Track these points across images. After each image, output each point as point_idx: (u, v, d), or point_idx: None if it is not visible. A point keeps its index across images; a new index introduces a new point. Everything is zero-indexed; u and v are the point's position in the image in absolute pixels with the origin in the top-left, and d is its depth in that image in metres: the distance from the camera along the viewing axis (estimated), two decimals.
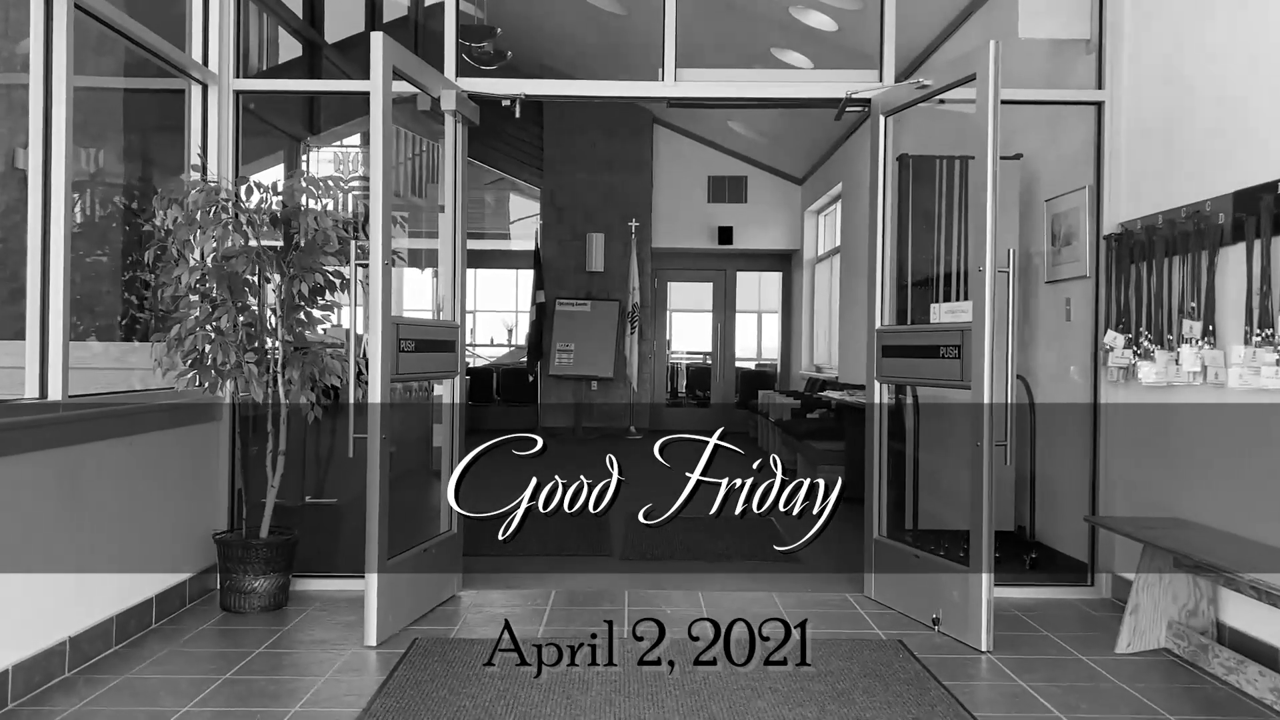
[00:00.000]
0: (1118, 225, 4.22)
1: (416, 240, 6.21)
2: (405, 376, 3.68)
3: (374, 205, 3.42)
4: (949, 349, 3.69)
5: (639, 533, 5.48)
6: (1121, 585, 4.21)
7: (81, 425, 3.25)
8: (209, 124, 4.23)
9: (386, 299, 3.44)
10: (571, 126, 11.88)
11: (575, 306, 11.77)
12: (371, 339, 3.43)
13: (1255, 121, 3.36)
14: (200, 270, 3.70)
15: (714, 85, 4.36)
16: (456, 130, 4.14)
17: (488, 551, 5.02)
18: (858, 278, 9.31)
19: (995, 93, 3.49)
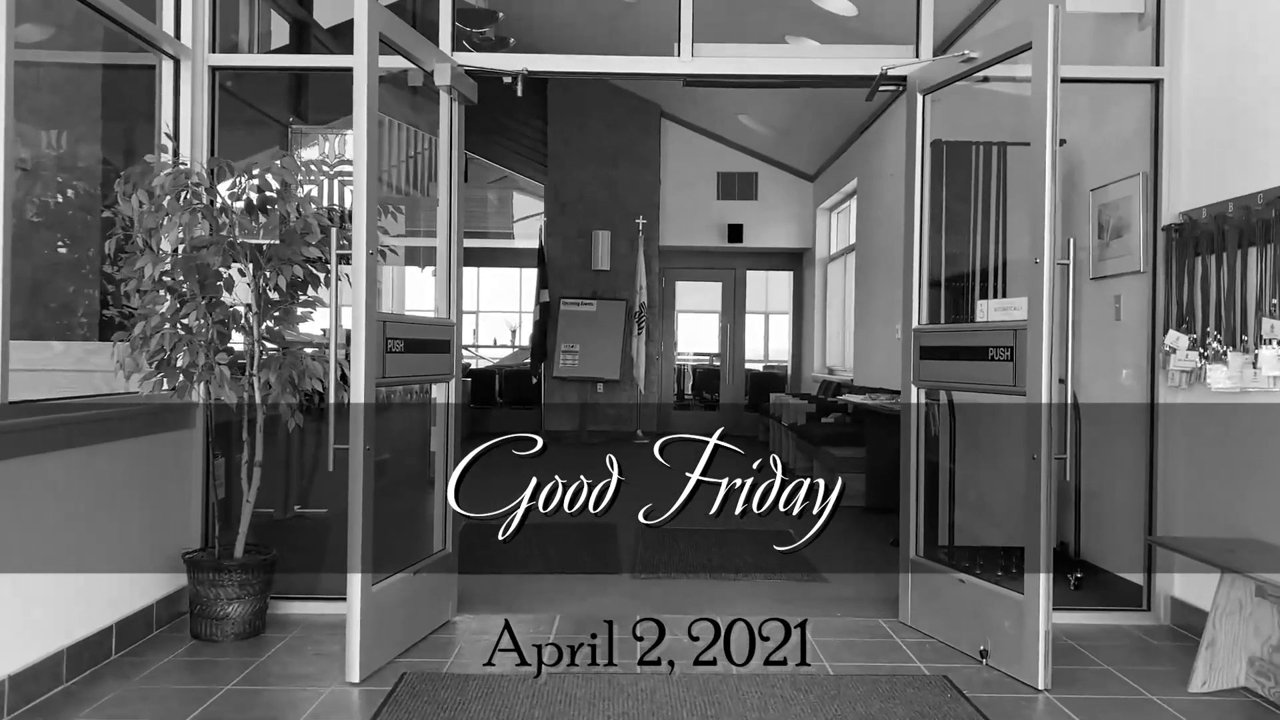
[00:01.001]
0: (1178, 215, 3.83)
1: (415, 239, 5.83)
2: (393, 380, 3.30)
3: (357, 187, 3.05)
4: (999, 350, 3.30)
5: (648, 546, 5.11)
6: (1182, 610, 3.82)
7: (23, 436, 2.87)
8: (181, 103, 3.86)
9: (371, 293, 3.07)
10: (577, 120, 11.51)
11: (580, 306, 11.40)
12: (354, 338, 3.05)
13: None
14: (166, 262, 3.33)
15: (734, 62, 3.98)
16: (452, 110, 3.77)
17: (487, 569, 4.66)
18: (874, 276, 8.94)
19: (1055, 63, 3.11)
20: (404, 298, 12.03)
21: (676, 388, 12.62)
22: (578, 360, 11.21)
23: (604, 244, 11.45)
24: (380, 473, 3.30)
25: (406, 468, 4.82)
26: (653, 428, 11.35)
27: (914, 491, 3.86)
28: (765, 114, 10.42)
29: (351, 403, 3.07)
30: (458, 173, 3.81)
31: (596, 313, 11.35)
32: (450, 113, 3.76)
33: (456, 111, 3.78)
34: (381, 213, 4.12)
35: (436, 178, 3.80)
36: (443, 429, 3.82)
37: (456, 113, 3.78)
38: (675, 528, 5.58)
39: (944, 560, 4.10)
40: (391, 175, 15.21)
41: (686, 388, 12.99)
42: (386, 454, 5.39)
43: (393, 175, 15.72)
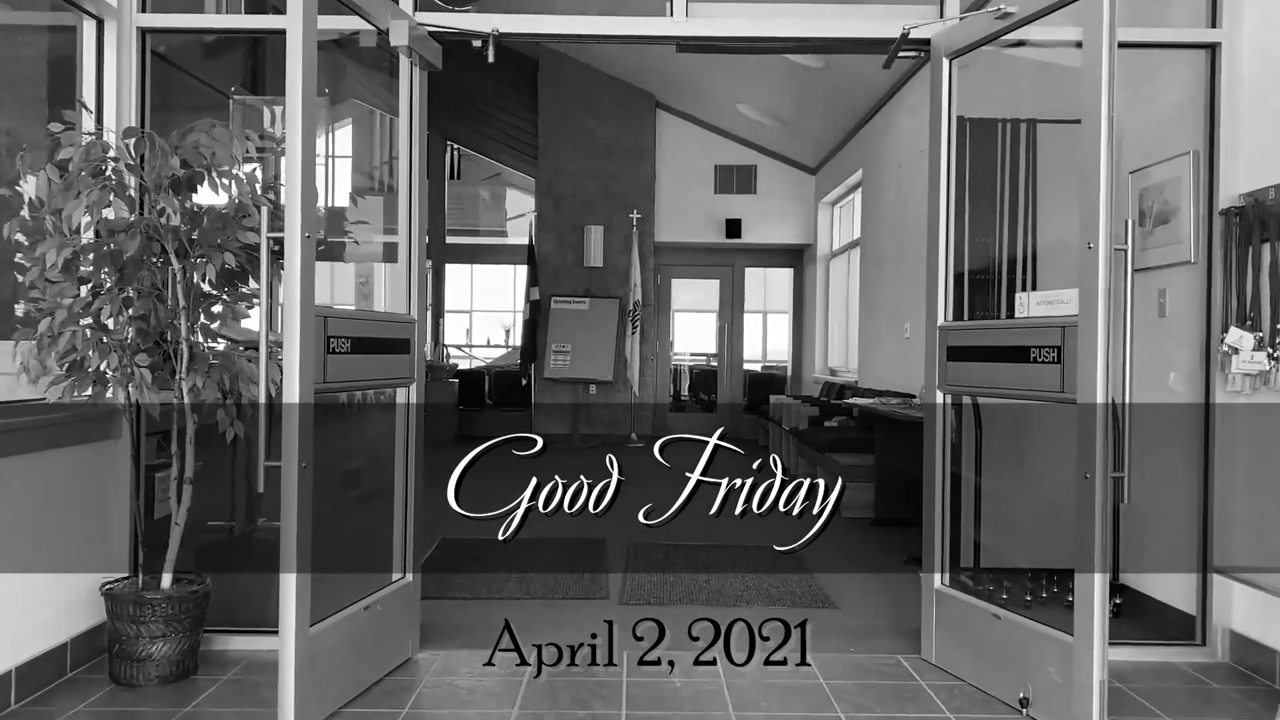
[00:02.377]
0: (1239, 197, 3.38)
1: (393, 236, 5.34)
2: (336, 385, 2.82)
3: (290, 155, 2.58)
4: (1044, 350, 2.84)
5: (640, 570, 4.63)
6: (1244, 646, 3.36)
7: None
8: (105, 69, 3.38)
9: (307, 282, 2.60)
10: (568, 110, 11.03)
11: (572, 304, 10.92)
12: (287, 336, 2.58)
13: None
14: (69, 249, 2.85)
15: (733, 22, 3.51)
16: (413, 75, 3.29)
17: (457, 593, 4.19)
18: (880, 273, 8.47)
19: (1111, 14, 2.65)
20: (382, 302, 11.52)
21: (672, 389, 12.14)
22: (569, 361, 10.73)
23: (597, 240, 10.98)
24: (335, 488, 2.86)
25: (364, 483, 4.35)
26: (648, 431, 10.88)
27: (939, 512, 3.39)
28: (765, 103, 9.95)
29: (284, 413, 2.60)
30: (420, 148, 3.33)
31: (589, 311, 10.87)
32: (410, 79, 3.29)
33: (418, 78, 3.31)
34: (356, 202, 3.68)
35: (395, 150, 3.32)
36: (403, 440, 3.35)
37: (418, 79, 3.31)
38: (671, 543, 5.15)
39: (973, 589, 3.65)
40: (383, 173, 14.60)
41: (683, 389, 12.50)
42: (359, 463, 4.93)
43: (384, 173, 15.08)
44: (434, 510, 3.40)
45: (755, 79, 9.28)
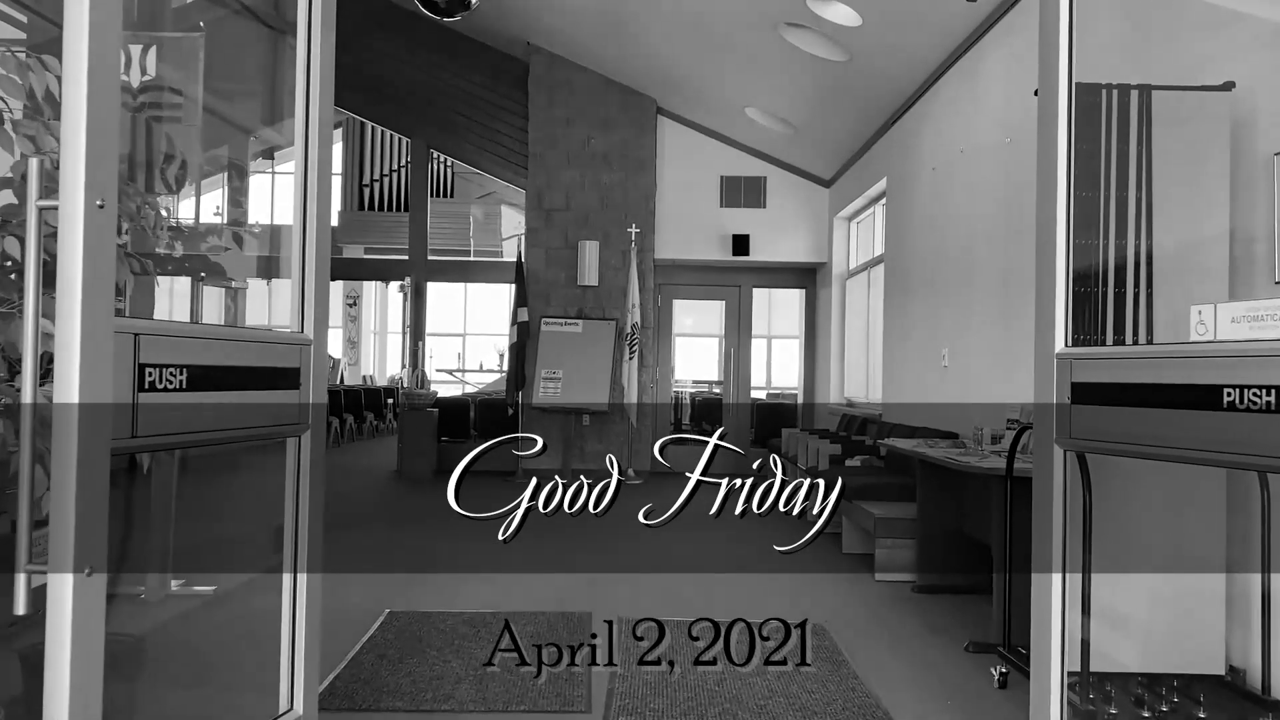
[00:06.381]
0: None
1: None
2: (152, 441, 1.82)
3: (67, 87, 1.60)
4: (1255, 393, 1.84)
5: (631, 676, 3.60)
6: None
7: None
8: None
9: (97, 275, 1.61)
10: (561, 115, 10.10)
11: (564, 326, 9.92)
12: (60, 362, 1.59)
13: None
14: None
15: None
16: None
17: (392, 702, 3.16)
18: (909, 291, 7.49)
19: None
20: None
21: (673, 419, 11.12)
22: (560, 388, 9.72)
23: (592, 256, 10.02)
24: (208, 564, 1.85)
25: (236, 564, 3.34)
26: (645, 466, 9.85)
27: (1058, 619, 2.38)
28: (776, 105, 9.01)
29: (55, 487, 1.60)
30: (321, 100, 2.36)
31: (582, 334, 9.88)
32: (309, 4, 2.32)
33: (318, 4, 2.34)
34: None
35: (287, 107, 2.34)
36: (293, 515, 2.34)
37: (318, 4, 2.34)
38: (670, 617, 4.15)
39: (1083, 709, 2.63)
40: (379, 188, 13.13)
41: (684, 419, 11.46)
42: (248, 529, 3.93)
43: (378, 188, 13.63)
44: (383, 580, 2.78)
45: (767, 77, 8.35)
